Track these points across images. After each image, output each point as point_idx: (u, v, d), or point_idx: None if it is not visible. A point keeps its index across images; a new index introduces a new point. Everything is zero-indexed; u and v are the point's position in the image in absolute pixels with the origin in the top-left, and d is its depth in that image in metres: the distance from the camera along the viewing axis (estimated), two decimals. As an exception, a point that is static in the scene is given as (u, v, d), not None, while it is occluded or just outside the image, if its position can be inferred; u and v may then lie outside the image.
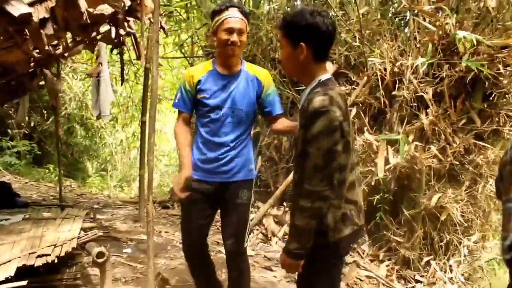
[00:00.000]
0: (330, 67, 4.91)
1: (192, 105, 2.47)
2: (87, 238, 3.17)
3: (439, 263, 4.08)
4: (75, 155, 10.20)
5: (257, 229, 4.75)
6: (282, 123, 2.51)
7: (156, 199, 6.20)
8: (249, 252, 4.13)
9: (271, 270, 3.81)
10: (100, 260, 2.63)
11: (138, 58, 3.99)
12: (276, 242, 4.52)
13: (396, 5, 5.38)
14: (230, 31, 2.31)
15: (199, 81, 2.43)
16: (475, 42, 3.61)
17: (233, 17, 2.32)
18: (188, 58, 7.08)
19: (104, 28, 4.06)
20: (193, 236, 2.48)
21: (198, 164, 2.42)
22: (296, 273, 1.77)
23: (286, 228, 4.60)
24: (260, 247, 4.41)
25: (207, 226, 2.53)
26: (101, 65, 5.21)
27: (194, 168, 2.40)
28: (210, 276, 2.61)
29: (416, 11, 4.52)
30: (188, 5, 5.98)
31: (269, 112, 2.52)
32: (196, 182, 2.38)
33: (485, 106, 4.23)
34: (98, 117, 6.17)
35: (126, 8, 3.50)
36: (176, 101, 2.49)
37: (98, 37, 4.13)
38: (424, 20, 4.48)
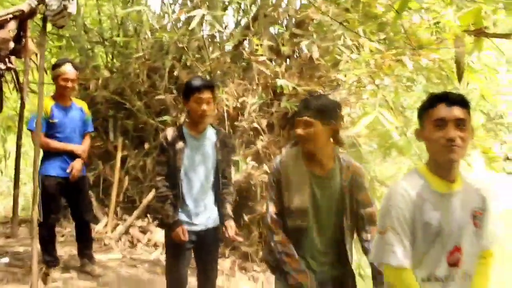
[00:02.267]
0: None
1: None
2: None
3: (270, 256, 5.22)
4: None
5: (124, 237, 5.52)
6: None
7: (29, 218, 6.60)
8: (118, 255, 4.94)
9: (136, 267, 4.65)
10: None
11: (17, 89, 4.57)
12: (141, 247, 5.33)
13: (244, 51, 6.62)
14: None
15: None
16: (290, 88, 4.89)
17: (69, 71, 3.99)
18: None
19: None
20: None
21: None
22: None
23: (149, 235, 5.45)
24: (127, 252, 5.19)
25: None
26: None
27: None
28: None
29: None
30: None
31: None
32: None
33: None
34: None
35: (10, 49, 4.13)
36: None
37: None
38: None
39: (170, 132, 3.04)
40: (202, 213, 3.05)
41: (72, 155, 4.07)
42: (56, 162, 3.99)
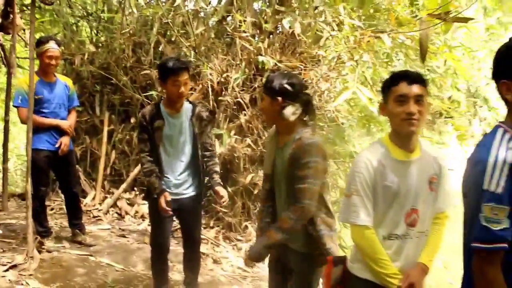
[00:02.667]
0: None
1: None
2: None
3: (253, 226, 5.45)
4: None
5: (113, 210, 5.71)
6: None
7: (16, 192, 6.74)
8: (107, 226, 5.14)
9: (125, 237, 4.86)
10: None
11: (5, 64, 4.66)
12: (129, 218, 5.53)
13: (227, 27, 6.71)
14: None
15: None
16: (271, 64, 5.04)
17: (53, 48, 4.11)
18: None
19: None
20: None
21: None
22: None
23: (136, 208, 5.65)
24: (116, 223, 5.38)
25: None
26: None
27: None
28: None
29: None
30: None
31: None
32: None
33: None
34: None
35: (-2, 25, 4.21)
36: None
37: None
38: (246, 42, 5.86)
39: (148, 111, 3.25)
40: (182, 184, 3.30)
41: (60, 130, 4.22)
42: (44, 136, 4.14)
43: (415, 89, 1.88)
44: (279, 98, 2.33)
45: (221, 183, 3.36)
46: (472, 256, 1.46)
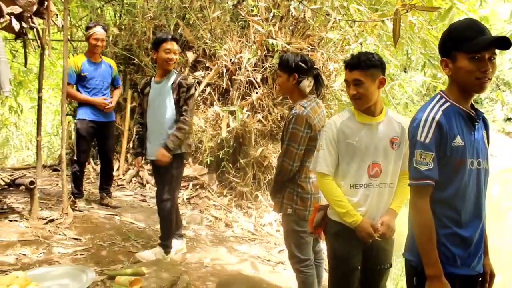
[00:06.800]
0: (190, 56, 6.53)
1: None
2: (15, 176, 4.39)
3: (263, 195, 5.94)
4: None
5: (135, 179, 6.26)
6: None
7: (47, 163, 7.35)
8: (130, 192, 5.68)
9: (146, 202, 5.40)
10: (31, 186, 3.98)
11: (40, 46, 5.17)
12: (150, 187, 6.07)
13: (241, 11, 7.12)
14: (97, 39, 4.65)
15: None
16: (280, 47, 5.46)
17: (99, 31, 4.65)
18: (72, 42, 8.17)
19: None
20: None
21: None
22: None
23: (157, 177, 6.18)
24: (138, 191, 5.93)
25: None
26: None
27: None
28: None
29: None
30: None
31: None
32: None
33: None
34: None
35: (34, 10, 4.70)
36: None
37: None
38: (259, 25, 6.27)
39: (143, 81, 3.94)
40: (159, 145, 3.63)
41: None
42: (88, 109, 4.71)
43: (354, 75, 2.32)
44: (295, 74, 2.83)
45: (167, 146, 3.55)
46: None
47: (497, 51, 1.83)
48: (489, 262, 2.01)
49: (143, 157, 3.89)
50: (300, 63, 2.82)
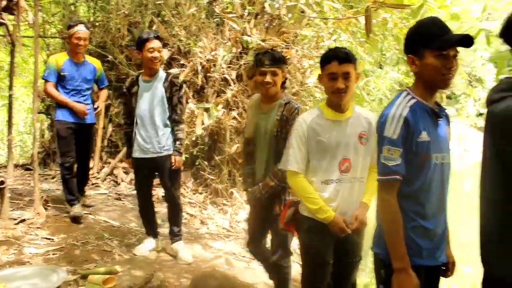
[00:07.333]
0: (165, 53, 6.49)
1: None
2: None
3: (238, 192, 5.95)
4: None
5: (109, 178, 6.21)
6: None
7: (20, 162, 7.23)
8: (105, 191, 5.63)
9: (120, 200, 5.37)
10: (1, 186, 3.91)
11: (10, 43, 5.08)
12: (125, 185, 6.03)
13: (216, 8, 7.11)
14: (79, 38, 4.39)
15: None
16: (254, 44, 5.48)
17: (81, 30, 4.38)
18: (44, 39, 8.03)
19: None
20: None
21: None
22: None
23: (131, 175, 6.13)
24: (112, 189, 5.89)
25: None
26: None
27: None
28: None
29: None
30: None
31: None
32: None
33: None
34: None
35: (3, 6, 4.62)
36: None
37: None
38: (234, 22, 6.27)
39: (129, 80, 3.94)
40: (154, 143, 3.75)
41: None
42: (67, 110, 4.47)
43: (344, 68, 2.31)
44: (285, 70, 2.93)
45: (180, 151, 3.81)
46: None
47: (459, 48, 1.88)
48: (450, 252, 2.07)
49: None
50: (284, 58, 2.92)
